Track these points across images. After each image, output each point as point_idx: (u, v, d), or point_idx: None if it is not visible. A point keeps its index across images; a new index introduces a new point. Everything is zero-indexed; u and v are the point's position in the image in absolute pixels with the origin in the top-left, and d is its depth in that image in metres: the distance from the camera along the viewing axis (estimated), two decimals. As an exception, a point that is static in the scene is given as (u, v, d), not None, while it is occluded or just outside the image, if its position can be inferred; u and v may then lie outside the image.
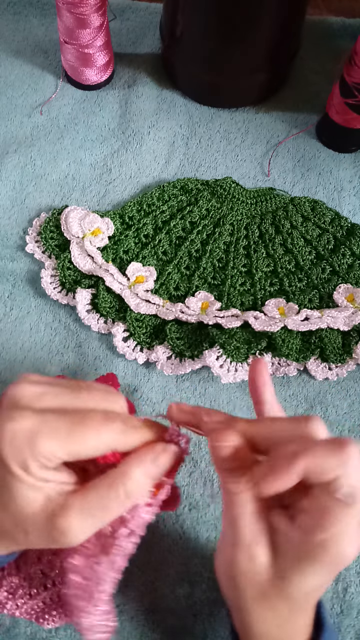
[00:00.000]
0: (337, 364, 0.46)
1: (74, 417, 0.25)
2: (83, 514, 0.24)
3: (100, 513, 0.25)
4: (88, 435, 0.25)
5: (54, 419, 0.24)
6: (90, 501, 0.25)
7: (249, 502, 0.26)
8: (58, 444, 0.24)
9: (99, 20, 0.52)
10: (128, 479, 0.25)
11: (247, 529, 0.26)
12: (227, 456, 0.25)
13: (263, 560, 0.26)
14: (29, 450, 0.24)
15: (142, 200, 0.53)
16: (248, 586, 0.26)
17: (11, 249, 0.52)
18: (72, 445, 0.24)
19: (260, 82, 0.57)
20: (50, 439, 0.24)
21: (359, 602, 0.39)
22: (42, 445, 0.24)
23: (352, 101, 0.50)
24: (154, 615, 0.39)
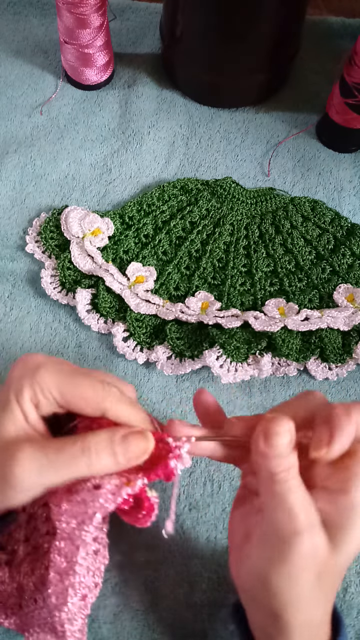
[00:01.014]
0: (337, 364, 0.46)
1: (79, 369, 0.28)
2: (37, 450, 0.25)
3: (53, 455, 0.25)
4: (85, 384, 0.27)
5: (64, 363, 0.28)
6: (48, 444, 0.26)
7: (299, 486, 0.26)
8: (56, 380, 0.26)
9: (99, 20, 0.52)
10: (91, 436, 0.26)
11: (306, 512, 0.26)
12: (285, 441, 0.26)
13: (323, 538, 0.26)
14: (30, 376, 0.26)
15: (142, 200, 0.53)
16: (306, 572, 0.26)
17: (11, 249, 0.52)
18: (68, 386, 0.26)
19: (260, 82, 0.57)
20: (51, 373, 0.27)
21: (359, 602, 0.39)
22: (41, 375, 0.26)
23: (352, 101, 0.50)
24: (154, 615, 0.38)
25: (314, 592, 0.26)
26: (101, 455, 0.26)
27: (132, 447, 0.26)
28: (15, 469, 0.25)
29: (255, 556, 0.27)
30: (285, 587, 0.26)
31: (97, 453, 0.25)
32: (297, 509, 0.26)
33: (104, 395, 0.27)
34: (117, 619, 0.38)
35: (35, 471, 0.25)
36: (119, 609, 0.39)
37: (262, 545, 0.27)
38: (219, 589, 0.39)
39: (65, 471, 0.25)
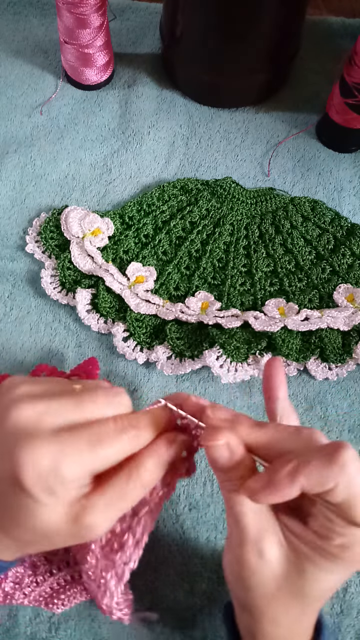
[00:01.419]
0: (337, 364, 0.46)
1: (90, 436, 0.25)
2: (106, 508, 0.25)
3: (120, 504, 0.26)
4: (107, 451, 0.25)
5: (71, 441, 0.24)
6: (111, 496, 0.25)
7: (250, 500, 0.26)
8: (81, 468, 0.24)
9: (99, 20, 0.52)
10: (144, 471, 0.26)
11: (250, 526, 0.26)
12: (220, 456, 0.26)
13: (273, 556, 0.26)
14: (55, 478, 0.23)
15: (142, 200, 0.53)
16: (258, 585, 0.26)
17: (11, 249, 0.52)
18: (94, 464, 0.25)
19: (260, 82, 0.57)
20: (73, 464, 0.24)
21: (359, 602, 0.39)
22: (67, 472, 0.24)
23: (352, 101, 0.50)
24: (154, 615, 0.39)
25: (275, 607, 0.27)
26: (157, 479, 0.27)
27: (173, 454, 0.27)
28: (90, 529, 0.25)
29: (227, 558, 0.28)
30: (244, 593, 0.27)
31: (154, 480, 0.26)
32: (244, 521, 0.26)
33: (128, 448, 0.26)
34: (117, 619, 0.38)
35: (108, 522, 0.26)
36: (119, 609, 0.39)
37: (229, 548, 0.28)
38: (219, 589, 0.39)
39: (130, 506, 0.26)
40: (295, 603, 0.27)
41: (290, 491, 0.23)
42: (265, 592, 0.26)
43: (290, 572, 0.26)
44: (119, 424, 0.26)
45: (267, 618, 0.27)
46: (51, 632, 0.38)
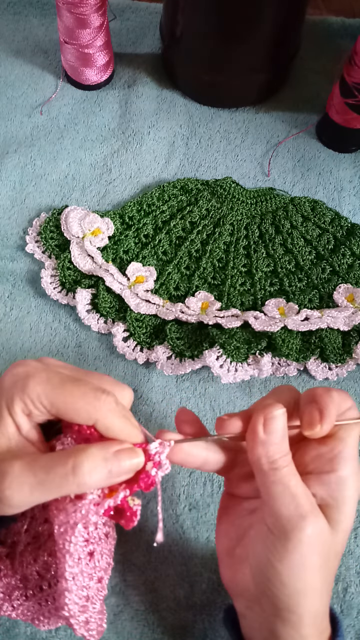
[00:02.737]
0: (337, 364, 0.46)
1: (71, 377, 0.27)
2: (26, 470, 0.25)
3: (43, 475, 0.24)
4: (76, 394, 0.26)
5: (53, 372, 0.27)
6: (38, 462, 0.25)
7: (296, 472, 0.27)
8: (46, 390, 0.26)
9: (99, 20, 0.52)
10: (82, 453, 0.25)
11: (307, 497, 0.26)
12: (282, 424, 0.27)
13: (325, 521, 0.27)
14: (20, 388, 0.26)
15: (142, 200, 0.53)
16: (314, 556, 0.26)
17: (11, 249, 0.52)
18: (58, 396, 0.26)
19: (260, 82, 0.57)
20: (41, 383, 0.26)
21: (359, 602, 0.39)
22: (31, 387, 0.26)
23: (352, 101, 0.50)
24: (154, 615, 0.38)
25: (320, 577, 0.27)
26: (93, 475, 0.24)
27: (123, 463, 0.25)
28: (4, 490, 0.24)
29: (256, 554, 0.27)
30: (294, 575, 0.26)
31: (89, 473, 0.24)
32: (300, 493, 0.26)
33: (96, 406, 0.26)
34: (117, 619, 0.38)
35: (25, 492, 0.24)
36: (119, 609, 0.39)
37: (263, 540, 0.27)
38: (219, 589, 0.39)
39: (55, 490, 0.25)
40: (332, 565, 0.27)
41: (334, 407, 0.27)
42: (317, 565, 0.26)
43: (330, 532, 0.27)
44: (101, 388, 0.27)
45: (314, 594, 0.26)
46: (51, 633, 0.38)
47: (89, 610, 0.29)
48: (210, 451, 0.30)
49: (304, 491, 0.26)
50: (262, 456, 0.27)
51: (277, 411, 0.27)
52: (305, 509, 0.26)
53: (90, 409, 0.26)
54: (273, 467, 0.26)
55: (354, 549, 0.41)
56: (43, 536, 0.31)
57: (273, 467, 0.26)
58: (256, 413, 0.27)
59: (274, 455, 0.27)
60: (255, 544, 0.28)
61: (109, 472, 0.25)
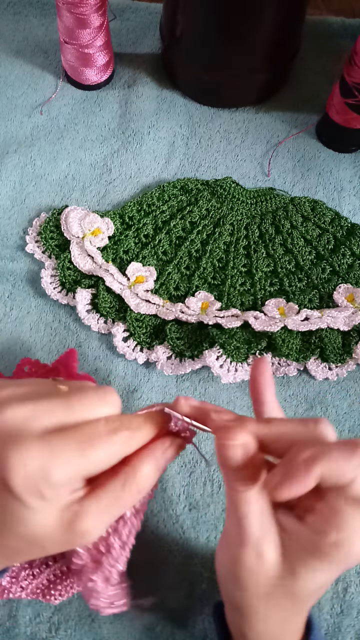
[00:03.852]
0: (337, 364, 0.46)
1: (80, 438, 0.24)
2: (100, 513, 0.25)
3: (115, 510, 0.25)
4: (99, 453, 0.24)
5: (61, 443, 0.23)
6: (106, 502, 0.25)
7: (256, 500, 0.26)
8: (72, 470, 0.24)
9: (99, 20, 0.52)
10: (140, 476, 0.26)
11: (254, 527, 0.26)
12: (236, 455, 0.25)
13: (271, 557, 0.26)
14: (45, 482, 0.23)
15: (142, 200, 0.53)
16: (254, 585, 0.26)
17: (11, 249, 0.52)
18: (85, 467, 0.24)
19: (260, 82, 0.57)
20: (63, 467, 0.23)
21: (359, 602, 0.39)
22: (56, 476, 0.23)
23: (352, 101, 0.50)
24: (154, 615, 0.38)
25: (266, 607, 0.27)
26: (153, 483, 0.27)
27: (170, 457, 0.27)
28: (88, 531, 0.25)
29: (221, 556, 0.29)
30: (237, 593, 0.27)
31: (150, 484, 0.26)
32: (248, 521, 0.25)
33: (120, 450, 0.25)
34: (117, 619, 0.38)
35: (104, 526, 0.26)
36: (119, 609, 0.39)
37: (224, 547, 0.28)
38: (219, 589, 0.39)
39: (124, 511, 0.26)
40: (287, 602, 0.27)
41: (309, 480, 0.23)
42: (259, 592, 0.26)
43: (284, 572, 0.26)
44: (110, 425, 0.25)
45: (259, 617, 0.27)
46: (51, 632, 0.38)
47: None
48: None
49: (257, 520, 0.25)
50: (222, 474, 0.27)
51: (232, 441, 0.25)
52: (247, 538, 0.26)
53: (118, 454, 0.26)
54: (229, 487, 0.26)
55: (354, 549, 0.41)
56: None
57: (229, 486, 0.26)
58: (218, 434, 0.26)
59: (229, 479, 0.26)
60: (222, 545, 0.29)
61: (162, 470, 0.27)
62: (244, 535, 0.26)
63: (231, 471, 0.26)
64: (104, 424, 0.25)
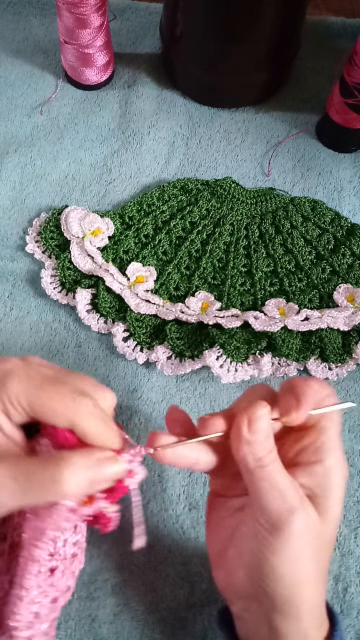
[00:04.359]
0: (337, 364, 0.46)
1: (51, 377, 0.26)
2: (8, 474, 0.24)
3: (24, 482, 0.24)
4: (54, 396, 0.25)
5: (35, 371, 0.26)
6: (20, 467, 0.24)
7: (282, 467, 0.27)
8: (25, 390, 0.25)
9: (99, 20, 0.52)
10: (64, 462, 0.24)
11: (294, 490, 0.27)
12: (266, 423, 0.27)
13: (314, 512, 0.27)
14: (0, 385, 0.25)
15: (142, 200, 0.53)
16: (306, 549, 0.26)
17: (11, 249, 0.52)
18: (36, 397, 0.25)
19: (260, 82, 0.57)
20: (21, 383, 0.25)
21: (359, 602, 0.39)
22: (10, 386, 0.25)
23: (352, 101, 0.50)
24: (154, 615, 0.38)
25: (314, 566, 0.27)
26: (75, 485, 0.24)
27: (105, 472, 0.25)
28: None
29: (249, 550, 0.27)
30: (288, 567, 0.26)
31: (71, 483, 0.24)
32: (287, 488, 0.26)
33: (73, 409, 0.25)
34: (117, 619, 0.38)
35: (5, 496, 0.24)
36: (119, 609, 0.39)
37: (255, 536, 0.27)
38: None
39: (34, 498, 0.24)
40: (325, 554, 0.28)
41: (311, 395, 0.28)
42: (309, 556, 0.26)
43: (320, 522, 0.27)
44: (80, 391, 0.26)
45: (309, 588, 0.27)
46: (51, 632, 0.38)
47: (34, 628, 0.27)
48: (202, 452, 0.29)
49: (291, 485, 0.27)
50: (248, 454, 0.27)
51: (261, 411, 0.27)
52: (293, 502, 0.26)
53: (67, 412, 0.25)
54: (259, 465, 0.27)
55: (354, 549, 0.41)
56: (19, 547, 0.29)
57: (259, 464, 0.27)
58: (240, 413, 0.27)
59: (259, 453, 0.27)
60: (247, 540, 0.28)
61: (91, 481, 0.24)
62: (290, 502, 0.26)
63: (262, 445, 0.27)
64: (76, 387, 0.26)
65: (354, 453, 0.44)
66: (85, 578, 0.39)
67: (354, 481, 0.43)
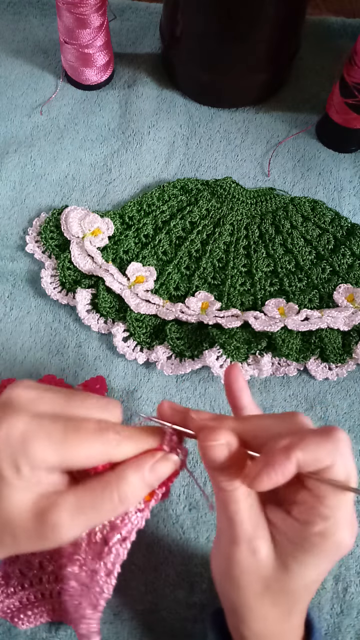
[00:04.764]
0: (337, 364, 0.46)
1: (68, 424, 0.24)
2: (74, 510, 0.24)
3: (92, 513, 0.24)
4: (81, 444, 0.24)
5: (49, 423, 0.24)
6: (83, 499, 0.25)
7: (245, 497, 0.26)
8: (51, 450, 0.24)
9: (99, 20, 0.52)
10: (124, 483, 0.25)
11: (246, 524, 0.26)
12: (220, 455, 0.25)
13: (264, 553, 0.26)
14: (22, 452, 0.23)
15: (142, 200, 0.53)
16: (250, 583, 0.26)
17: (11, 249, 0.52)
18: (65, 452, 0.24)
19: (260, 82, 0.57)
20: (43, 443, 0.24)
21: (359, 602, 0.39)
22: (34, 449, 0.24)
23: (352, 101, 0.50)
24: (154, 615, 0.38)
25: (263, 604, 0.27)
26: (137, 497, 0.25)
27: (161, 473, 0.26)
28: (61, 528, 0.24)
29: (216, 558, 0.28)
30: (233, 593, 0.27)
31: (133, 497, 0.25)
32: (239, 519, 0.26)
33: (104, 450, 0.25)
34: (117, 619, 0.38)
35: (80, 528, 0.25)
36: (118, 609, 0.39)
37: (218, 548, 0.28)
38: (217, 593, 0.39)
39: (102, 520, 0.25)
40: (284, 599, 0.27)
41: (288, 467, 0.23)
42: (255, 590, 0.26)
43: (277, 568, 0.26)
44: (101, 425, 0.25)
45: (256, 616, 0.27)
46: (51, 632, 0.38)
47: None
48: None
49: (248, 518, 0.25)
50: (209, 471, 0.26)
51: (213, 442, 0.25)
52: (239, 535, 0.25)
53: (100, 456, 0.25)
54: (218, 488, 0.26)
55: (354, 549, 0.41)
56: None
57: (218, 487, 0.26)
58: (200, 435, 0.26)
59: (215, 478, 0.26)
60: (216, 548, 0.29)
61: (150, 486, 0.26)
62: (236, 533, 0.26)
63: (217, 471, 0.26)
64: (95, 422, 0.25)
65: (353, 453, 0.44)
66: (85, 578, 0.39)
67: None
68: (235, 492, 0.25)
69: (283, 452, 0.23)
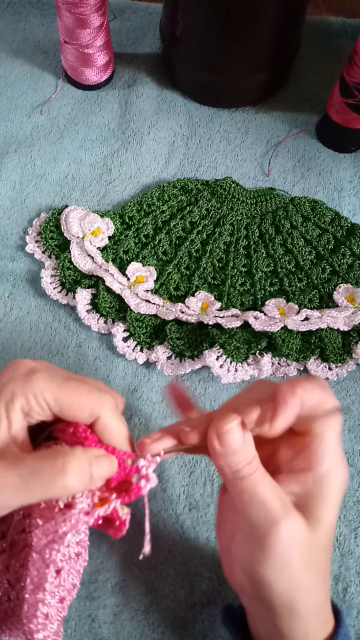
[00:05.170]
0: (337, 364, 0.46)
1: (73, 375, 0.27)
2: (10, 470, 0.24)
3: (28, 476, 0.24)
4: (81, 390, 0.26)
5: (55, 369, 0.27)
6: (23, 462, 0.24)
7: (265, 477, 0.26)
8: (50, 386, 0.26)
9: (99, 20, 0.52)
10: (71, 456, 0.24)
11: (278, 501, 0.26)
12: (237, 437, 0.26)
13: (301, 519, 0.26)
14: (23, 383, 0.26)
15: (142, 200, 0.53)
16: (298, 557, 0.26)
17: (11, 249, 0.52)
18: (64, 392, 0.26)
19: (260, 82, 0.57)
20: (45, 379, 0.26)
21: (359, 602, 0.39)
22: (36, 381, 0.26)
23: (352, 101, 0.50)
24: (154, 615, 0.38)
25: (308, 574, 0.26)
26: (79, 477, 0.24)
27: (102, 469, 0.26)
28: None
29: (242, 555, 0.28)
30: (277, 578, 0.26)
31: (76, 475, 0.24)
32: (269, 498, 0.26)
33: (100, 402, 0.27)
34: (117, 619, 0.38)
35: (8, 493, 0.24)
36: (119, 609, 0.39)
37: (244, 546, 0.27)
38: (219, 589, 0.39)
39: (40, 492, 0.24)
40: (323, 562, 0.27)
41: (297, 404, 0.26)
42: (303, 564, 0.26)
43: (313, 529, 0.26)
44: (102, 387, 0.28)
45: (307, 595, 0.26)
46: None
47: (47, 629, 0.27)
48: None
49: (274, 496, 0.26)
50: (224, 467, 0.26)
51: (229, 425, 0.26)
52: (276, 514, 0.25)
53: (93, 405, 0.26)
54: (237, 477, 0.26)
55: (354, 549, 0.41)
56: (18, 546, 0.29)
57: (237, 476, 0.26)
58: (211, 427, 0.27)
59: (236, 465, 0.26)
60: (239, 548, 0.28)
61: (91, 476, 0.25)
62: (271, 514, 0.25)
63: (235, 457, 0.26)
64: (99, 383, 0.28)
65: (353, 453, 0.44)
66: (85, 578, 0.39)
67: (354, 481, 0.43)
68: (257, 472, 0.26)
69: (289, 390, 0.26)
